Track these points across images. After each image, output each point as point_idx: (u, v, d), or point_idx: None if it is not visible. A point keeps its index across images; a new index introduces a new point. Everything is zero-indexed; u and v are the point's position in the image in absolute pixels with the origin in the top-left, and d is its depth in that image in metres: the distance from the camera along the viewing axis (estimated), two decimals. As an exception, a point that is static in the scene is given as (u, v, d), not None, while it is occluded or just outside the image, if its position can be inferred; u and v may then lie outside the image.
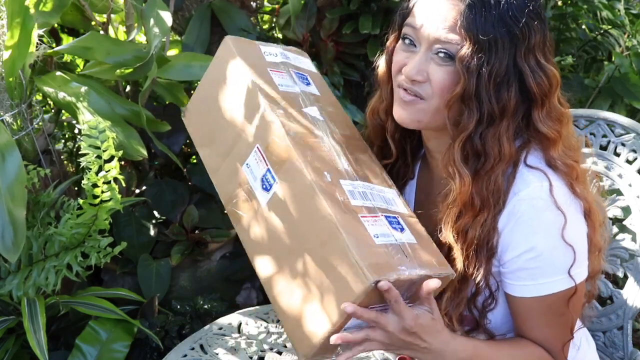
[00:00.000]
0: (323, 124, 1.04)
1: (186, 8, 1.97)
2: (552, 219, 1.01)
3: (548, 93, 1.03)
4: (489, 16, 0.99)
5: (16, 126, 1.60)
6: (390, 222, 0.96)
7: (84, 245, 1.46)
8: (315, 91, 1.12)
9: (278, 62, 1.13)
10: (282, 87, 1.07)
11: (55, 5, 1.58)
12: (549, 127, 1.04)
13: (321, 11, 1.97)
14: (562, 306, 1.06)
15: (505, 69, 1.00)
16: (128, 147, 1.58)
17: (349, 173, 0.99)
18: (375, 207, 0.97)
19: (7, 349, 1.55)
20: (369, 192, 0.98)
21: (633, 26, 2.28)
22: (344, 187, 0.95)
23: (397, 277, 0.89)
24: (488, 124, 1.02)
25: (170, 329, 1.73)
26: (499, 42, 0.99)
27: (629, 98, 1.98)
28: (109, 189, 1.34)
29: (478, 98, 1.01)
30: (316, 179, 0.93)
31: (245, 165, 1.01)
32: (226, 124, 1.06)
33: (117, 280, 1.88)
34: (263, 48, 1.14)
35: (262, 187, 0.98)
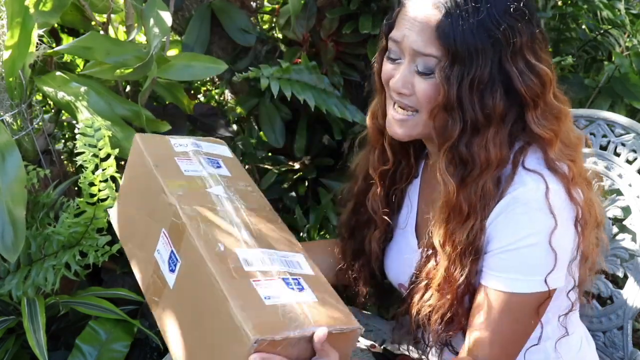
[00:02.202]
0: (226, 201, 1.07)
1: (186, 8, 1.97)
2: (542, 220, 1.01)
3: (541, 93, 1.02)
4: (467, 25, 0.98)
5: (16, 126, 1.60)
6: (288, 284, 0.95)
7: (82, 244, 1.46)
8: (226, 172, 1.15)
9: (187, 151, 1.17)
10: (187, 172, 1.11)
11: (55, 5, 1.58)
12: (544, 127, 1.03)
13: (321, 11, 1.97)
14: (522, 312, 1.05)
15: (489, 76, 0.99)
16: (127, 148, 1.57)
17: (248, 243, 1.00)
18: (272, 271, 0.97)
19: (7, 349, 1.54)
20: (268, 257, 0.98)
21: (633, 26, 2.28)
22: (239, 255, 0.96)
23: (285, 336, 0.88)
24: (473, 132, 1.02)
25: (170, 329, 1.73)
26: (480, 49, 0.98)
27: (629, 98, 1.98)
28: (106, 187, 1.34)
29: (461, 107, 1.00)
30: (207, 251, 0.94)
31: (156, 252, 1.04)
32: (139, 216, 1.12)
33: (117, 280, 1.88)
34: (173, 141, 1.19)
35: (169, 269, 1.01)
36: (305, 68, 1.86)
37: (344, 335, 0.95)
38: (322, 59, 1.96)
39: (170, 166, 1.10)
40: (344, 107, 1.89)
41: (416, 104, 1.05)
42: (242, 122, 2.25)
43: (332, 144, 2.09)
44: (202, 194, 1.06)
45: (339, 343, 0.95)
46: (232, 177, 1.15)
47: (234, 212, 1.05)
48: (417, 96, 1.04)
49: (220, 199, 1.07)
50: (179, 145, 1.18)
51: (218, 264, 0.94)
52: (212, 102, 2.41)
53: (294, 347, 0.90)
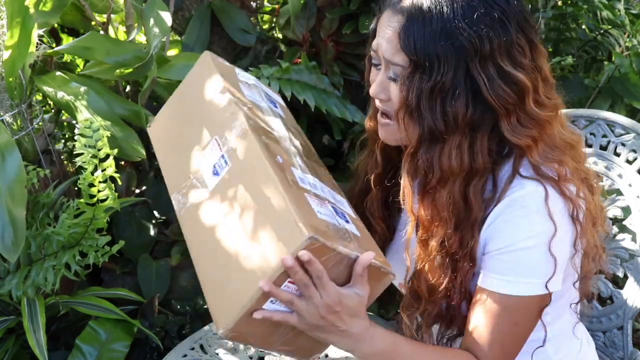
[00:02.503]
0: (284, 132, 1.08)
1: (186, 8, 1.97)
2: (541, 223, 1.00)
3: (515, 101, 0.99)
4: (428, 31, 0.96)
5: (16, 126, 1.60)
6: (337, 212, 0.97)
7: (81, 244, 1.46)
8: (282, 113, 1.17)
9: (250, 83, 1.19)
10: (249, 96, 1.12)
11: (55, 5, 1.58)
12: (519, 134, 1.00)
13: (321, 11, 1.97)
14: (521, 314, 1.04)
15: (451, 83, 0.97)
16: (127, 148, 1.58)
17: (302, 167, 1.01)
18: (324, 197, 0.98)
19: (7, 349, 1.55)
20: (320, 186, 1.00)
21: (633, 26, 2.28)
22: (295, 173, 0.97)
23: (335, 247, 0.89)
24: (433, 140, 1.01)
25: (170, 329, 1.73)
26: (441, 56, 0.96)
27: (629, 98, 1.98)
28: (105, 188, 1.34)
29: (419, 114, 1.00)
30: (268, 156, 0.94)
31: (201, 157, 1.04)
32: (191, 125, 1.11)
33: (117, 280, 1.88)
34: (238, 71, 1.20)
35: (212, 172, 1.01)
36: (305, 68, 1.86)
37: (379, 274, 0.96)
38: (322, 59, 1.97)
39: (235, 85, 1.11)
40: (344, 107, 1.89)
41: (391, 110, 1.06)
42: (242, 122, 2.25)
43: (332, 144, 2.09)
44: (262, 116, 1.07)
45: (372, 281, 0.96)
46: (286, 119, 1.16)
47: (289, 142, 1.06)
48: (392, 102, 1.05)
49: (278, 127, 1.08)
50: (243, 76, 1.19)
51: (277, 170, 0.94)
52: (212, 102, 2.41)
53: (334, 265, 0.91)
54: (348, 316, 0.96)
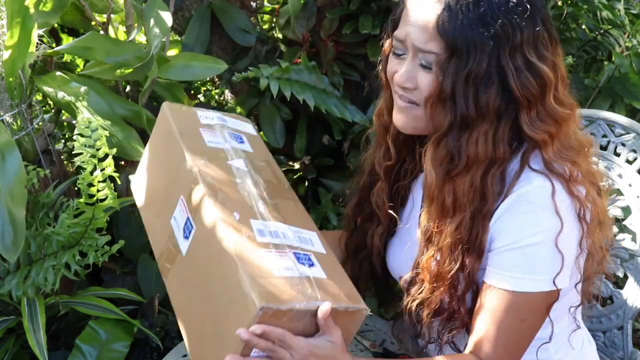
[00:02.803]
0: (246, 174, 1.08)
1: (186, 8, 1.97)
2: (548, 219, 1.01)
3: (538, 94, 1.01)
4: (466, 18, 0.98)
5: (16, 126, 1.60)
6: (299, 258, 0.96)
7: (81, 244, 1.46)
8: (248, 148, 1.17)
9: (213, 124, 1.19)
10: (210, 143, 1.12)
11: (55, 5, 1.58)
12: (537, 129, 1.02)
13: (321, 11, 1.97)
14: (528, 311, 1.04)
15: (485, 71, 0.99)
16: (127, 147, 1.58)
17: (262, 215, 1.00)
18: (285, 245, 0.97)
19: (7, 349, 1.54)
20: (282, 231, 0.99)
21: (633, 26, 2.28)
22: (253, 226, 0.97)
23: (291, 307, 0.89)
24: (463, 126, 1.02)
25: (170, 329, 1.73)
26: (478, 44, 0.98)
27: (629, 98, 1.98)
28: (104, 188, 1.34)
29: (453, 100, 1.01)
30: (222, 218, 0.95)
31: (172, 219, 1.06)
32: (159, 183, 1.14)
33: (117, 280, 1.88)
34: (200, 112, 1.20)
35: (183, 236, 1.02)
36: (305, 68, 1.86)
37: (349, 314, 0.95)
38: (322, 59, 1.96)
39: (194, 136, 1.11)
40: (344, 107, 1.89)
41: (418, 99, 1.06)
42: (242, 122, 2.25)
43: (332, 144, 2.09)
44: (222, 165, 1.08)
45: (344, 322, 0.95)
46: (253, 153, 1.16)
47: (252, 185, 1.06)
48: (420, 90, 1.05)
49: (240, 172, 1.08)
50: (205, 118, 1.19)
51: (232, 231, 0.94)
52: (212, 102, 2.41)
53: (299, 321, 0.91)
54: None
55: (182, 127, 1.13)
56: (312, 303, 0.91)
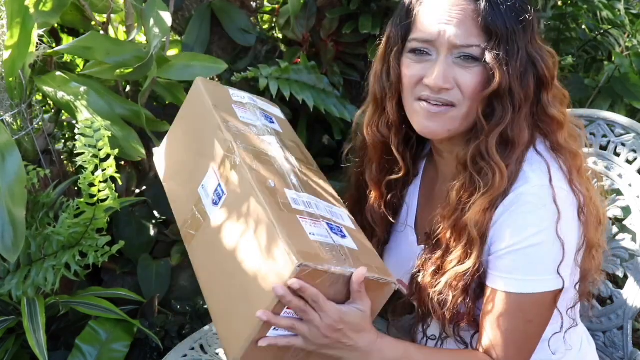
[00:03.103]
0: (278, 149, 1.09)
1: (186, 8, 1.97)
2: (546, 216, 1.01)
3: (553, 73, 1.06)
4: (505, 8, 1.02)
5: (16, 126, 1.60)
6: (332, 229, 0.98)
7: (81, 244, 1.46)
8: (278, 128, 1.18)
9: (244, 102, 1.20)
10: (243, 118, 1.13)
11: (55, 5, 1.58)
12: (557, 108, 1.07)
13: (321, 11, 1.97)
14: (535, 311, 1.04)
15: (525, 57, 1.03)
16: (127, 148, 1.58)
17: (296, 187, 1.02)
18: (318, 215, 0.99)
19: (7, 349, 1.55)
20: (314, 203, 1.01)
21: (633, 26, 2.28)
22: (288, 194, 0.99)
23: (327, 269, 0.90)
24: (515, 112, 1.04)
25: (170, 329, 1.73)
26: (516, 32, 1.02)
27: (629, 98, 1.98)
28: (105, 188, 1.34)
29: (511, 89, 1.02)
30: (258, 183, 0.96)
31: (201, 187, 1.06)
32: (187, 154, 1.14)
33: (117, 280, 1.88)
34: (231, 91, 1.22)
35: (212, 202, 1.03)
36: (305, 68, 1.86)
37: (379, 285, 0.96)
38: (322, 59, 1.96)
39: (227, 110, 1.13)
40: (344, 107, 1.89)
41: (456, 99, 1.04)
42: (242, 122, 2.25)
43: (332, 144, 2.09)
44: (255, 138, 1.09)
45: (373, 293, 0.96)
46: (283, 133, 1.18)
47: (284, 160, 1.08)
48: (461, 89, 1.03)
49: (272, 147, 1.10)
50: (237, 96, 1.20)
51: (268, 196, 0.95)
52: (212, 102, 2.41)
53: (331, 286, 0.92)
54: (353, 332, 0.97)
55: (215, 100, 1.13)
56: (347, 268, 0.92)
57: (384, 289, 0.98)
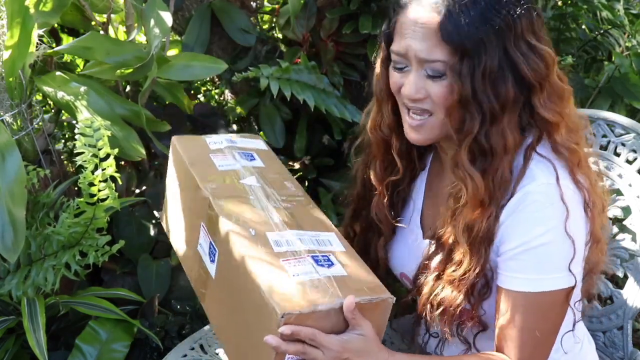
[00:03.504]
0: (259, 189, 1.12)
1: (186, 8, 1.97)
2: (555, 214, 1.00)
3: (546, 75, 1.03)
4: (469, 19, 0.98)
5: (16, 126, 1.60)
6: (317, 261, 0.99)
7: (82, 244, 1.46)
8: (259, 164, 1.21)
9: (222, 148, 1.24)
10: (221, 167, 1.17)
11: (55, 5, 1.58)
12: (551, 110, 1.04)
13: (321, 11, 1.97)
14: (549, 309, 1.05)
15: (498, 64, 1.00)
16: (127, 147, 1.58)
17: (278, 226, 1.04)
18: (302, 251, 1.00)
19: (7, 349, 1.55)
20: (298, 238, 1.03)
21: (633, 26, 2.28)
22: (270, 238, 1.01)
23: (312, 309, 0.91)
24: (491, 122, 1.02)
25: (170, 329, 1.73)
26: (486, 40, 0.99)
27: (629, 98, 1.98)
28: (105, 187, 1.34)
29: (477, 100, 1.01)
30: (238, 237, 1.00)
31: (199, 246, 1.10)
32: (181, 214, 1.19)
33: (117, 280, 1.88)
34: (209, 139, 1.26)
35: (210, 260, 1.07)
36: (305, 68, 1.86)
37: (375, 305, 0.96)
38: (322, 59, 1.96)
39: (205, 163, 1.16)
40: (344, 107, 1.89)
41: (431, 107, 1.06)
42: (242, 122, 2.25)
43: (332, 144, 2.09)
44: (235, 186, 1.12)
45: (371, 314, 0.96)
46: (265, 168, 1.20)
47: (266, 199, 1.10)
48: (431, 99, 1.05)
49: (252, 189, 1.12)
50: (214, 143, 1.24)
51: (249, 247, 0.98)
52: (212, 102, 2.41)
53: (325, 320, 0.93)
54: (359, 357, 0.97)
55: (192, 156, 1.18)
56: (334, 301, 0.93)
57: (380, 307, 0.98)
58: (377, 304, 0.97)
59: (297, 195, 1.16)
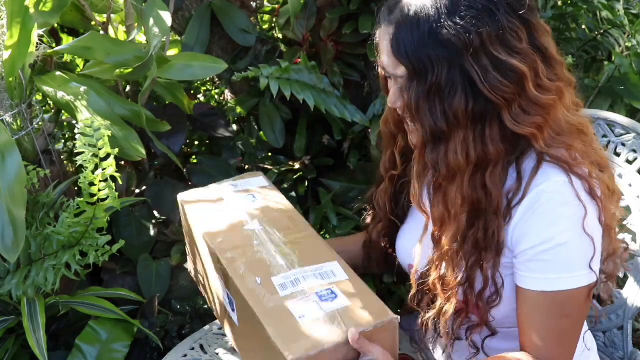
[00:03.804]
0: (262, 232, 1.17)
1: (186, 8, 1.97)
2: (570, 213, 0.99)
3: (513, 90, 0.97)
4: (416, 37, 0.96)
5: (16, 126, 1.60)
6: (321, 297, 1.04)
7: (82, 243, 1.46)
8: (261, 204, 1.26)
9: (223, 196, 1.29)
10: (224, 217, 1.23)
11: (55, 5, 1.58)
12: (522, 124, 0.99)
13: (321, 11, 1.97)
14: (572, 306, 1.04)
15: (447, 82, 0.96)
16: (127, 147, 1.58)
17: (283, 268, 1.09)
18: (306, 289, 1.05)
19: (7, 349, 1.55)
20: (302, 276, 1.08)
21: (633, 26, 2.28)
22: (275, 283, 1.06)
23: (320, 350, 0.95)
24: (437, 140, 1.01)
25: (170, 329, 1.73)
26: (434, 58, 0.96)
27: (629, 98, 1.98)
28: (106, 187, 1.34)
29: (419, 117, 1.00)
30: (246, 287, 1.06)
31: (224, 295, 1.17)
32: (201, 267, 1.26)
33: (117, 280, 1.88)
34: (210, 189, 1.32)
35: (231, 309, 1.14)
36: (305, 68, 1.86)
37: (381, 330, 0.99)
38: (322, 59, 1.96)
39: (209, 216, 1.22)
40: (344, 107, 1.89)
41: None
42: (242, 122, 2.25)
43: (332, 144, 2.09)
44: (239, 234, 1.17)
45: (380, 337, 0.99)
46: (266, 207, 1.25)
47: (269, 242, 1.15)
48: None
49: (256, 233, 1.18)
50: (217, 191, 1.30)
51: (255, 296, 1.04)
52: (212, 102, 2.41)
53: (335, 354, 0.97)
54: None
55: (196, 213, 1.24)
56: (340, 337, 0.97)
57: (387, 329, 1.01)
58: (383, 327, 1.00)
59: (299, 228, 1.21)
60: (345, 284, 1.07)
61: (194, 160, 2.13)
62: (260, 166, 2.12)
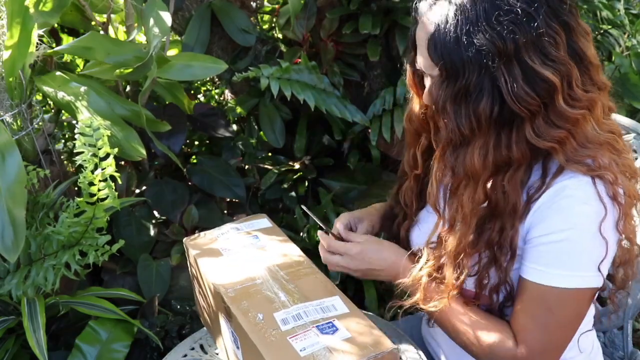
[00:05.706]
0: (265, 271, 1.21)
1: (186, 8, 1.97)
2: (590, 212, 0.98)
3: (538, 103, 0.95)
4: (452, 39, 0.96)
5: (16, 126, 1.60)
6: (322, 330, 1.07)
7: (81, 243, 1.46)
8: (264, 243, 1.31)
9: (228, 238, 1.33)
10: (228, 257, 1.26)
11: (55, 5, 1.58)
12: (543, 138, 0.98)
13: (321, 11, 1.97)
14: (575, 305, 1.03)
15: (475, 86, 0.96)
16: (127, 147, 1.58)
17: (285, 304, 1.12)
18: (307, 323, 1.08)
19: (7, 349, 1.55)
20: (303, 311, 1.11)
21: (633, 26, 2.28)
22: (277, 318, 1.10)
23: None
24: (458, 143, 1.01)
25: (170, 329, 1.73)
26: (466, 62, 0.95)
27: (629, 98, 1.98)
28: (105, 187, 1.34)
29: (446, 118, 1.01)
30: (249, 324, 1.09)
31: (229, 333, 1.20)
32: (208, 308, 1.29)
33: (117, 280, 1.88)
34: (215, 233, 1.34)
35: (236, 347, 1.17)
36: (305, 68, 1.87)
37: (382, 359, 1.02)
38: (322, 59, 1.97)
39: (214, 259, 1.25)
40: (344, 107, 1.89)
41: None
42: (242, 122, 2.25)
43: (332, 144, 2.09)
44: (242, 273, 1.20)
45: None
46: (268, 246, 1.29)
47: (271, 279, 1.18)
48: None
49: (258, 272, 1.20)
50: (221, 235, 1.33)
51: (258, 333, 1.06)
52: (212, 102, 2.42)
53: None
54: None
55: (201, 255, 1.26)
56: None
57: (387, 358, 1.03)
58: (383, 358, 1.02)
59: (301, 265, 1.24)
60: (346, 317, 1.09)
61: (194, 160, 2.13)
62: (260, 166, 2.12)
